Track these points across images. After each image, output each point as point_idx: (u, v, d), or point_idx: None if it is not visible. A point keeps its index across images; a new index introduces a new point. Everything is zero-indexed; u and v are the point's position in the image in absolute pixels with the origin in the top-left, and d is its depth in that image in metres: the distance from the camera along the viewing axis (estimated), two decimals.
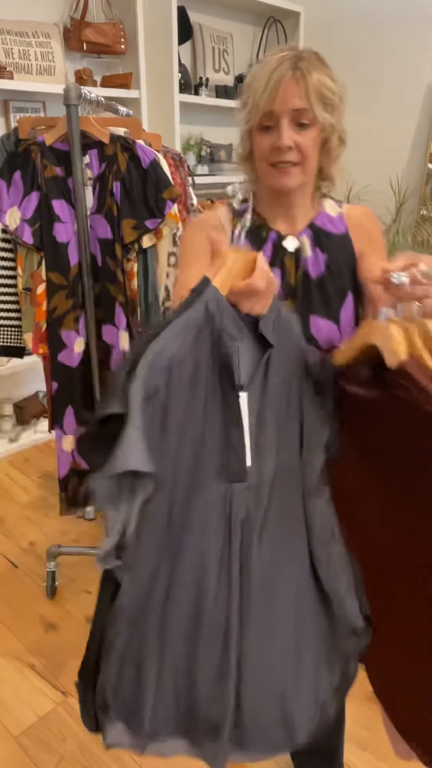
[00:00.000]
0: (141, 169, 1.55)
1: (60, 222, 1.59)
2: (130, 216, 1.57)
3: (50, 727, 1.57)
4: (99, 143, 1.57)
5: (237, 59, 3.80)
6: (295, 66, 0.96)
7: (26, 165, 1.57)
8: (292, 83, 0.95)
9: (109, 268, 1.62)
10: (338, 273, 1.08)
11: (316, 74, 0.97)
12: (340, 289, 1.09)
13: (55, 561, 1.99)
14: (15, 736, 1.54)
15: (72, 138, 1.53)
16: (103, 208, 1.58)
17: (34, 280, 1.63)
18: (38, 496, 2.59)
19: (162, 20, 3.00)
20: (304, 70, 0.96)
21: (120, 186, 1.56)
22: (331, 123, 1.00)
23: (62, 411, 1.74)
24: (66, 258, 1.62)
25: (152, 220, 1.57)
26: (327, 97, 0.98)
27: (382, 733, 1.54)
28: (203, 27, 3.44)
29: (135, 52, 2.92)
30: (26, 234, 1.59)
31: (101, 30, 2.81)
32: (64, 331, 1.66)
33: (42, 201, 1.58)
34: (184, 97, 3.19)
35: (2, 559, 2.20)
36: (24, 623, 1.91)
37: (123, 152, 1.55)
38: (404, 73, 3.57)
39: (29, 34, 2.63)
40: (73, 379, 1.72)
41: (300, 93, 0.96)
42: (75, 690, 1.49)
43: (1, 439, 3.01)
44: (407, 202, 3.74)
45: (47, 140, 1.56)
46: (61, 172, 1.58)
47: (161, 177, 1.56)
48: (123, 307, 1.62)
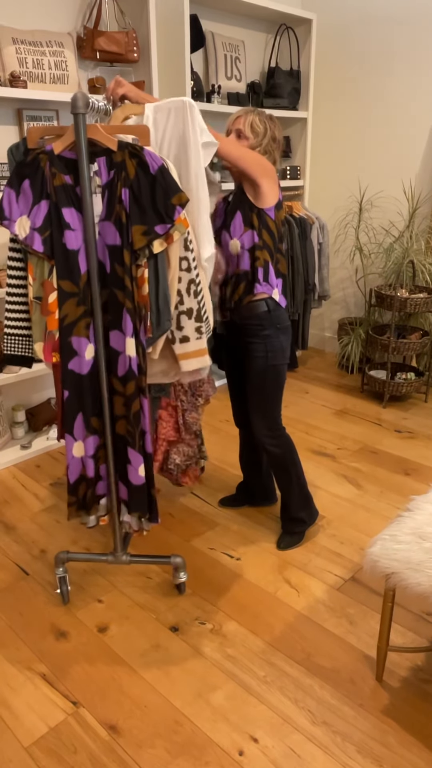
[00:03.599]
0: (149, 175, 1.55)
1: (70, 230, 1.59)
2: (139, 222, 1.57)
3: (61, 738, 1.56)
4: (107, 151, 1.57)
5: (249, 67, 3.81)
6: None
7: (35, 174, 1.58)
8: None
9: (118, 275, 1.62)
10: None
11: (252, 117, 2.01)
12: None
13: (63, 567, 1.99)
14: (26, 747, 1.53)
15: (80, 146, 1.53)
16: (112, 214, 1.58)
17: (45, 289, 1.64)
18: (50, 504, 2.59)
19: (174, 28, 3.01)
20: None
21: (129, 192, 1.56)
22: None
23: (73, 418, 1.74)
24: (76, 265, 1.62)
25: (162, 225, 1.57)
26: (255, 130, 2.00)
27: (397, 749, 1.51)
28: (215, 35, 3.45)
29: (148, 60, 2.93)
30: (36, 242, 1.60)
31: (114, 39, 2.82)
32: (75, 339, 1.66)
33: (52, 209, 1.58)
34: (197, 105, 3.19)
35: (13, 567, 2.20)
36: (35, 631, 1.90)
37: (131, 159, 1.55)
38: (416, 80, 3.55)
39: (43, 43, 2.65)
40: (83, 386, 1.72)
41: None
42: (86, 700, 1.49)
43: (13, 446, 3.02)
44: (420, 207, 3.72)
45: (56, 149, 1.57)
46: (69, 180, 1.58)
47: (170, 183, 1.56)
48: (130, 313, 1.62)
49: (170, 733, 1.57)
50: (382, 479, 2.77)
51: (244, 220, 1.99)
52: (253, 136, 1.98)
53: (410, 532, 1.60)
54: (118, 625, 1.92)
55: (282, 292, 2.09)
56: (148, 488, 1.82)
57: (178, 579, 2.00)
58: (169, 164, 1.59)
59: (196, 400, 2.33)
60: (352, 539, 2.34)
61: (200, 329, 1.75)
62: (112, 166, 1.57)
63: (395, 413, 3.49)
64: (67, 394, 1.71)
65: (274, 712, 1.62)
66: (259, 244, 1.99)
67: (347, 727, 1.58)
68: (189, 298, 1.71)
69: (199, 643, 1.85)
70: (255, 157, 1.91)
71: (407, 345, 3.48)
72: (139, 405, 1.72)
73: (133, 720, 1.61)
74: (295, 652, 1.81)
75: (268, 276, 2.03)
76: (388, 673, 1.74)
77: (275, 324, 2.05)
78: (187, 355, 1.76)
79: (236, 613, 1.97)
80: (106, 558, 2.00)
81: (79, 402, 1.73)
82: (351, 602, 2.01)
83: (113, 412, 1.78)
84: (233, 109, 3.43)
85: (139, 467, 1.78)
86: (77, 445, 1.77)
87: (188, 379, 1.89)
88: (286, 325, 2.10)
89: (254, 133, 1.98)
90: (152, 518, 1.87)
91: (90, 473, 1.82)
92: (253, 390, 2.13)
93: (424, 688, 1.69)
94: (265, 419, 2.16)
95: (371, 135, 3.86)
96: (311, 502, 2.34)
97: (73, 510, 1.86)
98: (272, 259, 2.03)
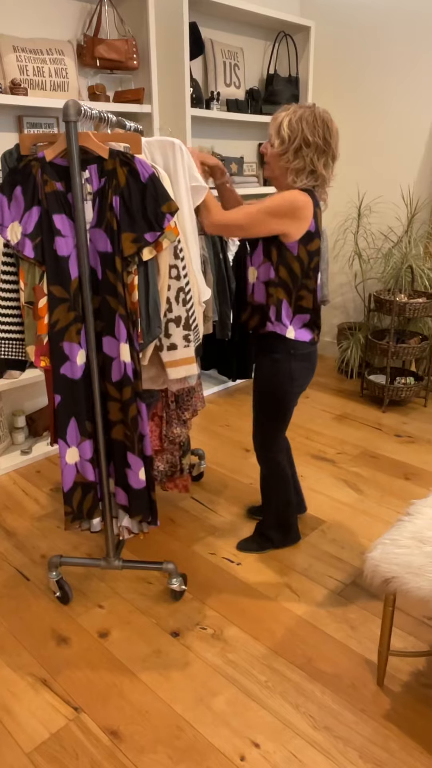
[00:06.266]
0: (140, 183, 1.57)
1: (61, 236, 1.61)
2: (129, 230, 1.59)
3: (62, 744, 1.55)
4: (99, 158, 1.59)
5: (248, 74, 3.83)
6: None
7: (27, 180, 1.59)
8: None
9: (110, 281, 1.63)
10: None
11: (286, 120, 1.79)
12: None
13: (56, 571, 2.00)
14: (27, 753, 1.53)
15: (71, 153, 1.54)
16: (103, 222, 1.60)
17: (36, 294, 1.65)
18: (50, 509, 2.59)
19: (174, 36, 3.03)
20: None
21: (119, 200, 1.57)
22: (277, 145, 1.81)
23: (66, 423, 1.75)
24: (67, 271, 1.63)
25: (152, 233, 1.59)
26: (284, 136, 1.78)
27: (399, 754, 1.51)
28: (214, 42, 3.48)
29: (147, 68, 2.95)
30: (27, 248, 1.61)
31: (114, 46, 2.84)
32: (67, 344, 1.68)
33: (43, 215, 1.60)
34: (196, 112, 3.21)
35: (14, 572, 2.20)
36: (36, 637, 1.90)
37: (122, 167, 1.57)
38: (414, 85, 3.58)
39: (43, 51, 2.67)
40: (76, 391, 1.72)
41: None
42: (87, 706, 1.49)
43: (13, 451, 3.02)
44: (419, 213, 3.74)
45: (47, 156, 1.58)
46: (61, 186, 1.60)
47: (160, 191, 1.57)
48: (123, 319, 1.63)
49: (172, 738, 1.57)
50: (382, 484, 2.78)
51: (264, 250, 1.85)
52: (278, 143, 1.77)
53: (410, 537, 1.60)
54: (119, 630, 1.92)
55: (305, 326, 1.93)
56: (148, 491, 1.82)
57: (171, 585, 2.00)
58: (160, 172, 1.61)
59: (182, 413, 2.32)
60: (352, 544, 2.35)
61: (188, 337, 1.75)
62: (103, 173, 1.59)
63: (395, 418, 3.50)
64: (59, 399, 1.72)
65: (275, 717, 1.62)
66: (274, 281, 1.85)
67: (348, 732, 1.57)
68: (178, 306, 1.72)
69: (200, 648, 1.85)
70: (255, 214, 1.75)
71: (406, 349, 3.49)
72: (136, 410, 1.73)
73: (135, 725, 1.60)
74: (296, 657, 1.81)
75: (281, 315, 1.88)
76: (389, 677, 1.74)
77: (288, 350, 1.94)
78: (174, 363, 1.77)
79: (237, 618, 1.97)
80: (98, 563, 2.01)
81: (71, 407, 1.74)
82: (352, 607, 2.01)
83: (108, 418, 1.78)
84: (232, 115, 3.45)
85: (140, 471, 1.78)
86: (71, 452, 1.78)
87: (176, 386, 1.89)
88: (304, 353, 1.95)
89: (280, 138, 1.76)
90: (153, 521, 1.87)
91: (89, 477, 1.82)
92: (254, 403, 2.11)
93: (425, 692, 1.69)
94: (259, 434, 2.13)
95: (369, 141, 3.88)
96: (289, 529, 2.28)
97: (69, 520, 1.86)
98: (290, 297, 1.87)
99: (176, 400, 2.30)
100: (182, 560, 2.26)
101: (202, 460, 2.80)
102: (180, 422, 2.31)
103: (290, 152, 1.76)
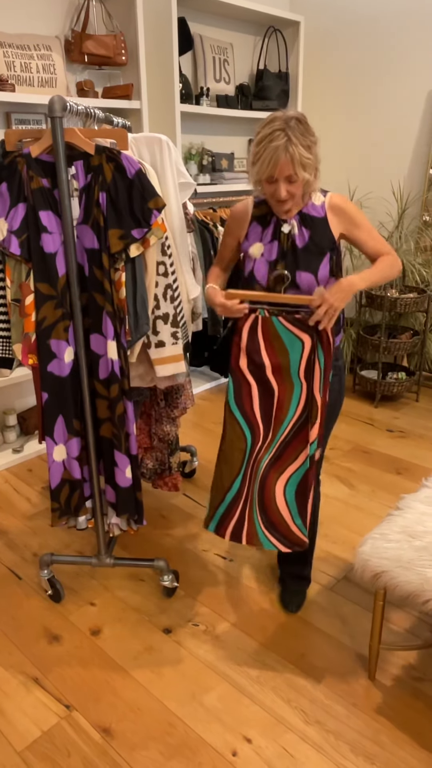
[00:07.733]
0: (126, 179, 1.56)
1: (47, 233, 1.60)
2: (116, 226, 1.58)
3: (54, 742, 1.55)
4: (85, 154, 1.57)
5: (238, 69, 3.82)
6: (286, 148, 1.47)
7: (12, 177, 1.58)
8: (286, 161, 1.48)
9: (97, 278, 1.62)
10: (317, 243, 1.62)
11: (299, 150, 1.48)
12: (319, 253, 1.62)
13: (48, 569, 1.99)
14: (19, 752, 1.53)
15: (57, 150, 1.53)
16: (90, 218, 1.58)
17: (23, 291, 1.64)
18: (42, 507, 2.58)
19: (162, 31, 3.02)
20: (292, 152, 1.47)
21: (106, 196, 1.56)
22: (308, 175, 1.53)
23: (53, 421, 1.74)
24: (54, 268, 1.62)
25: (138, 229, 1.58)
26: (306, 164, 1.51)
27: (390, 747, 1.52)
28: (204, 37, 3.46)
29: (136, 64, 2.94)
30: (13, 245, 1.60)
31: (102, 42, 2.82)
32: (54, 341, 1.67)
33: (29, 212, 1.58)
34: (186, 107, 3.20)
35: (6, 571, 2.19)
36: (28, 635, 1.89)
37: (108, 163, 1.55)
38: (405, 81, 3.58)
39: (31, 47, 2.65)
40: (63, 388, 1.72)
41: (291, 168, 1.50)
42: (79, 703, 1.49)
43: (4, 450, 3.01)
44: (409, 208, 3.74)
45: (33, 152, 1.57)
46: (47, 183, 1.58)
47: (147, 187, 1.56)
48: (111, 316, 1.63)
49: (164, 734, 1.57)
50: (374, 479, 2.78)
51: (331, 267, 1.64)
52: (313, 172, 1.54)
53: (400, 531, 1.61)
54: (111, 627, 1.92)
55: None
56: (134, 490, 1.82)
57: (163, 582, 2.00)
58: (147, 168, 1.60)
59: (171, 411, 2.31)
60: (344, 539, 2.35)
61: (176, 334, 1.75)
62: (90, 169, 1.57)
63: (387, 413, 3.50)
64: (46, 396, 1.71)
65: (267, 712, 1.63)
66: None
67: (340, 726, 1.58)
68: (165, 303, 1.72)
69: (192, 644, 1.85)
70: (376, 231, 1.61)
71: (398, 345, 3.49)
72: (123, 408, 1.72)
73: (127, 722, 1.60)
74: (288, 652, 1.82)
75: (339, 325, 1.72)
76: (380, 671, 1.75)
77: None
78: (162, 360, 1.77)
79: (229, 614, 1.97)
80: (90, 561, 2.01)
81: (59, 404, 1.73)
82: (344, 602, 2.02)
83: (96, 415, 1.78)
84: (222, 111, 3.44)
85: (126, 469, 1.78)
86: (58, 449, 1.77)
87: (164, 384, 1.89)
88: (339, 364, 1.76)
89: (307, 167, 1.51)
90: (139, 520, 1.87)
91: (76, 475, 1.81)
92: None
93: (416, 686, 1.70)
94: None
95: (360, 136, 3.88)
96: None
97: (56, 516, 1.86)
98: None
99: (165, 397, 2.29)
100: (174, 557, 2.26)
101: (194, 456, 2.80)
102: (169, 420, 2.31)
103: (313, 174, 1.56)
